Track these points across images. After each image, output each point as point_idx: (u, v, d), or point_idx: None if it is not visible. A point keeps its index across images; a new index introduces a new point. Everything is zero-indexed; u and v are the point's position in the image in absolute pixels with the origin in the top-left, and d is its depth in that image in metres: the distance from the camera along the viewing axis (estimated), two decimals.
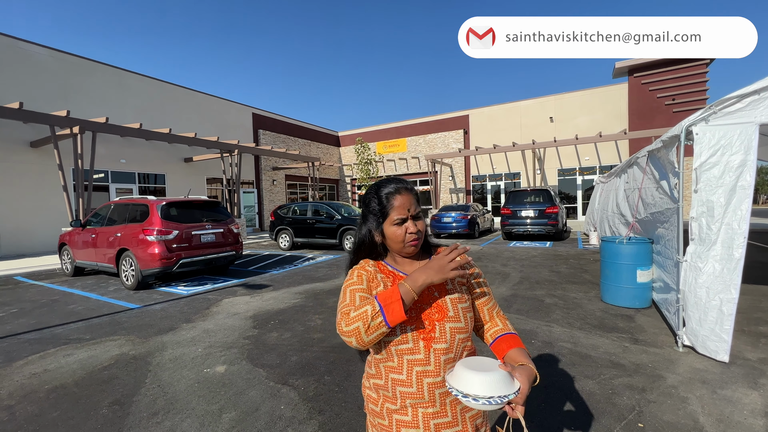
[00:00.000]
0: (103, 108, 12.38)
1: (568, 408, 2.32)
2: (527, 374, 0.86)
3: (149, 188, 14.14)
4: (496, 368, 0.84)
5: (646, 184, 4.56)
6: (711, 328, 2.89)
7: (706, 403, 2.31)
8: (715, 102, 2.87)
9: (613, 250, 4.38)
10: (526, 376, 0.85)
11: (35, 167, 10.99)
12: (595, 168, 17.39)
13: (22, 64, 10.92)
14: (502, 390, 0.80)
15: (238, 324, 4.12)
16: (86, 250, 6.97)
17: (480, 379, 0.80)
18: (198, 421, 2.25)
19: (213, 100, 16.86)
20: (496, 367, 0.84)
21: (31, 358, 3.32)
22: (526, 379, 0.84)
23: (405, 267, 1.07)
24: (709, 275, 2.91)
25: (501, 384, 0.80)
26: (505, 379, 0.82)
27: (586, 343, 3.32)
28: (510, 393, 0.80)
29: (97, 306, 5.07)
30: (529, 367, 0.89)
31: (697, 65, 15.01)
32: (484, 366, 0.85)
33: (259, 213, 18.86)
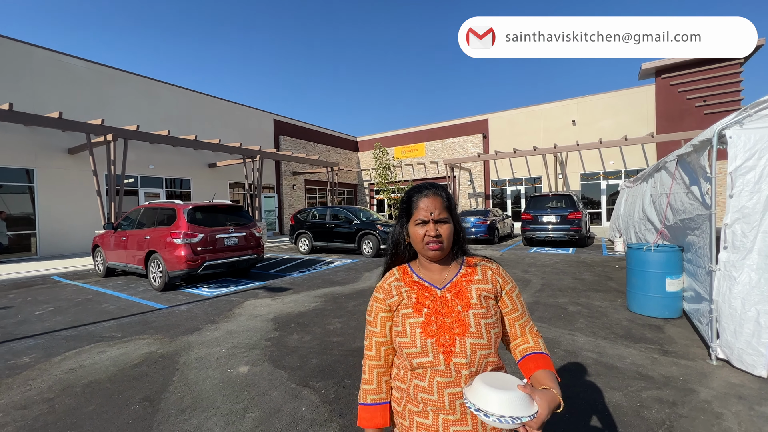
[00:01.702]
0: (134, 116, 12.99)
1: (594, 421, 2.26)
2: (549, 399, 0.82)
3: (175, 192, 14.68)
4: (514, 387, 0.81)
5: (675, 190, 4.40)
6: (747, 341, 2.75)
7: (742, 420, 2.20)
8: (750, 104, 2.75)
9: (641, 258, 4.23)
10: (547, 402, 0.81)
11: (72, 173, 11.62)
12: (620, 172, 16.84)
13: (61, 76, 11.61)
14: (517, 411, 0.77)
15: (260, 326, 4.22)
16: (117, 252, 7.29)
17: (496, 396, 0.78)
18: (223, 420, 2.32)
19: (236, 107, 17.39)
20: (515, 387, 0.81)
21: (68, 354, 3.51)
22: (547, 404, 0.80)
23: (432, 275, 1.06)
24: (744, 285, 2.78)
25: (517, 404, 0.78)
26: (522, 400, 0.79)
27: (612, 354, 3.22)
28: (524, 416, 0.77)
29: (127, 306, 5.30)
30: (553, 393, 0.85)
31: (730, 65, 14.35)
32: (504, 383, 0.83)
33: (279, 217, 19.23)
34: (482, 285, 1.03)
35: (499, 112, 20.08)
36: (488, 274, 1.06)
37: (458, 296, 1.01)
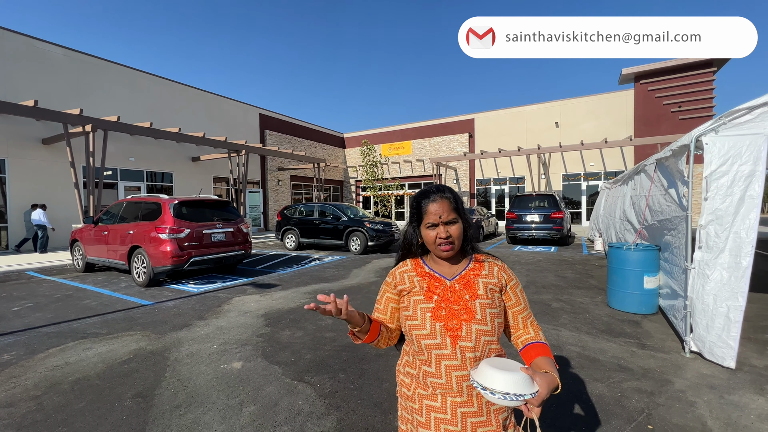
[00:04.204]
0: (114, 106, 12.56)
1: (578, 410, 2.38)
2: (548, 381, 0.89)
3: (157, 186, 14.30)
4: (517, 369, 0.89)
5: (654, 192, 4.62)
6: (718, 335, 2.94)
7: (713, 408, 2.37)
8: (725, 113, 2.93)
9: (621, 257, 4.43)
10: (547, 383, 0.88)
11: (47, 164, 11.16)
12: (600, 174, 17.41)
13: (37, 63, 11.11)
14: (520, 389, 0.84)
15: (251, 322, 4.21)
16: (98, 247, 7.08)
17: (501, 377, 0.86)
18: (220, 414, 2.33)
19: (221, 101, 17.03)
20: (518, 369, 0.89)
21: (52, 350, 3.42)
22: (546, 385, 0.87)
23: (442, 268, 1.14)
24: (716, 282, 2.97)
25: (520, 384, 0.85)
26: (524, 380, 0.86)
27: (594, 347, 3.37)
28: (527, 393, 0.84)
29: (110, 302, 5.17)
30: (552, 376, 0.91)
31: (704, 73, 15.01)
32: (508, 366, 0.91)
33: (265, 213, 18.99)
34: (489, 279, 1.11)
35: (485, 112, 20.37)
36: (494, 270, 1.13)
37: (466, 287, 1.09)
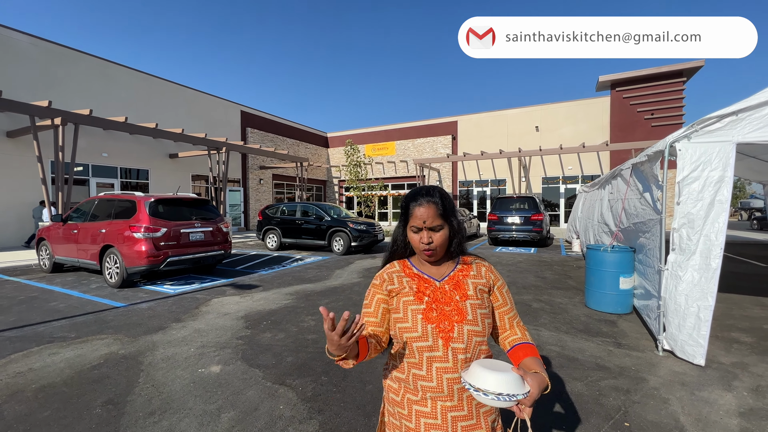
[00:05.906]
0: (86, 99, 12.00)
1: (559, 408, 2.42)
2: (538, 381, 0.90)
3: (131, 183, 13.77)
4: (509, 370, 0.90)
5: (630, 196, 4.78)
6: (689, 334, 3.06)
7: (685, 404, 2.46)
8: (697, 121, 3.05)
9: (598, 258, 4.56)
10: (537, 383, 0.89)
11: (11, 158, 10.55)
12: (577, 177, 17.93)
13: (1, 50, 10.48)
14: (513, 390, 0.85)
15: (230, 324, 4.09)
16: (67, 246, 6.74)
17: (494, 377, 0.86)
18: (197, 421, 2.25)
19: (201, 96, 16.56)
20: (509, 369, 0.90)
21: (15, 356, 3.22)
22: (537, 385, 0.89)
23: (430, 269, 1.13)
24: (688, 283, 3.09)
25: (512, 384, 0.86)
26: (516, 380, 0.87)
27: (573, 347, 3.45)
28: (519, 393, 0.85)
29: (79, 304, 4.92)
30: (542, 375, 0.93)
31: (675, 82, 15.73)
32: (499, 367, 0.91)
33: (245, 212, 18.59)
34: (477, 280, 1.11)
35: (467, 114, 20.65)
36: (482, 271, 1.14)
37: (456, 288, 1.08)
